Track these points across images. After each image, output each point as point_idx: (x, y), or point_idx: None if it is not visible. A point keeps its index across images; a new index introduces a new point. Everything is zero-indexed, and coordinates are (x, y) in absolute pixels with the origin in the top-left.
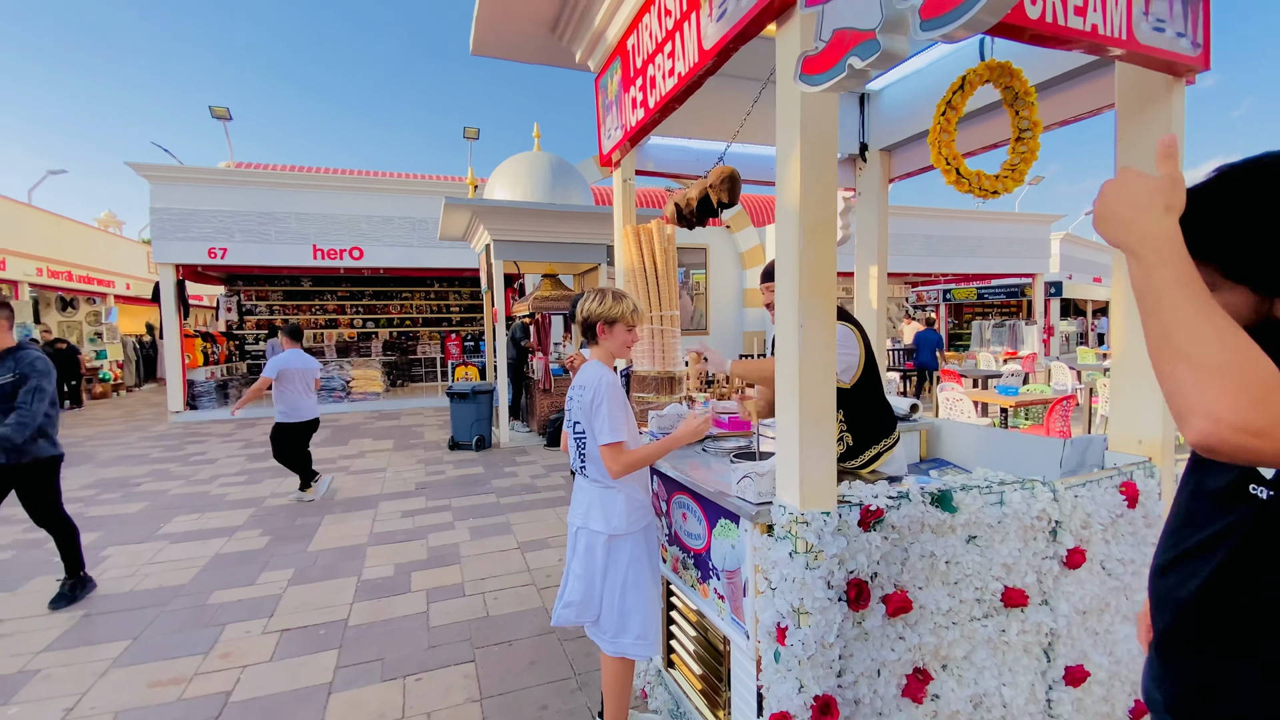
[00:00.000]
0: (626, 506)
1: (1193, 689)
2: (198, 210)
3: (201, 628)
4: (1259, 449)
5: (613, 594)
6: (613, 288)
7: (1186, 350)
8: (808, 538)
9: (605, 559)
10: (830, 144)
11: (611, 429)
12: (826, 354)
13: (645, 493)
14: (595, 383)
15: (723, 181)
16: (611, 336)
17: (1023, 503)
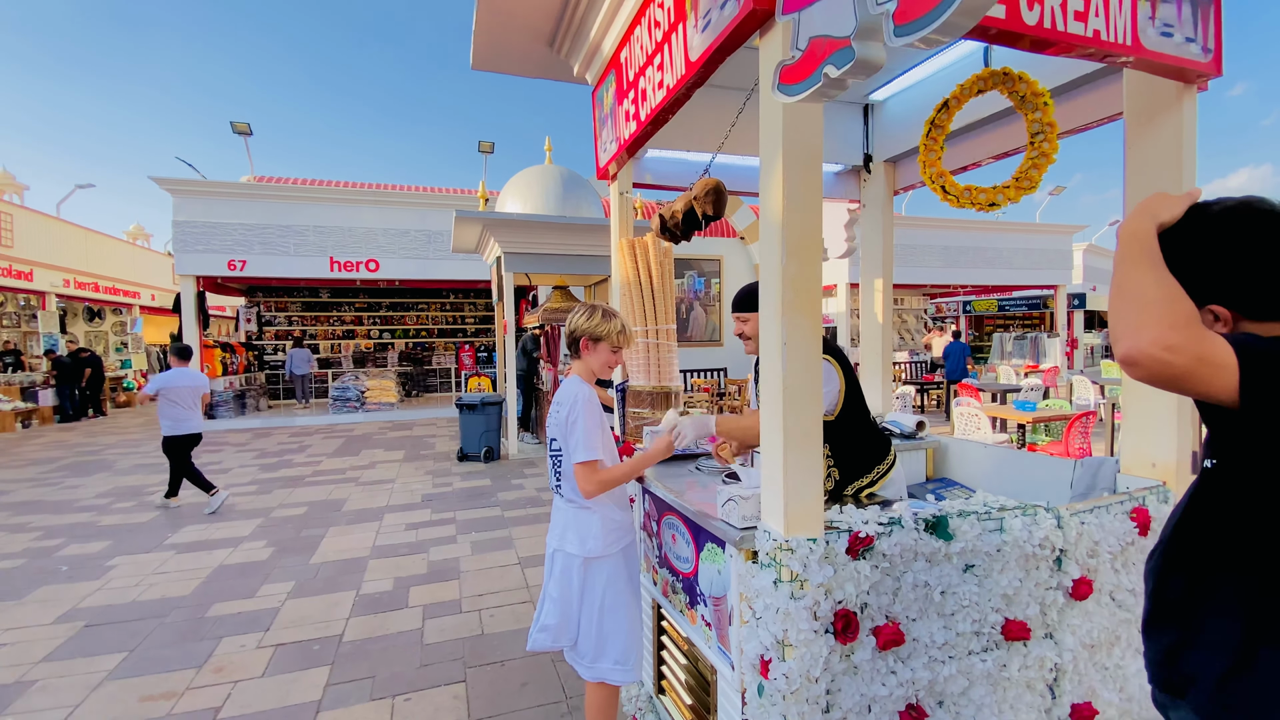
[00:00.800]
0: (602, 528)
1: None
2: (219, 223)
3: (198, 641)
4: (1171, 362)
5: (590, 618)
6: (606, 305)
7: (1131, 292)
8: (792, 566)
9: (582, 582)
10: (814, 156)
11: (586, 447)
12: (811, 374)
13: (624, 512)
14: (572, 399)
15: (707, 194)
16: (594, 353)
17: (1024, 530)
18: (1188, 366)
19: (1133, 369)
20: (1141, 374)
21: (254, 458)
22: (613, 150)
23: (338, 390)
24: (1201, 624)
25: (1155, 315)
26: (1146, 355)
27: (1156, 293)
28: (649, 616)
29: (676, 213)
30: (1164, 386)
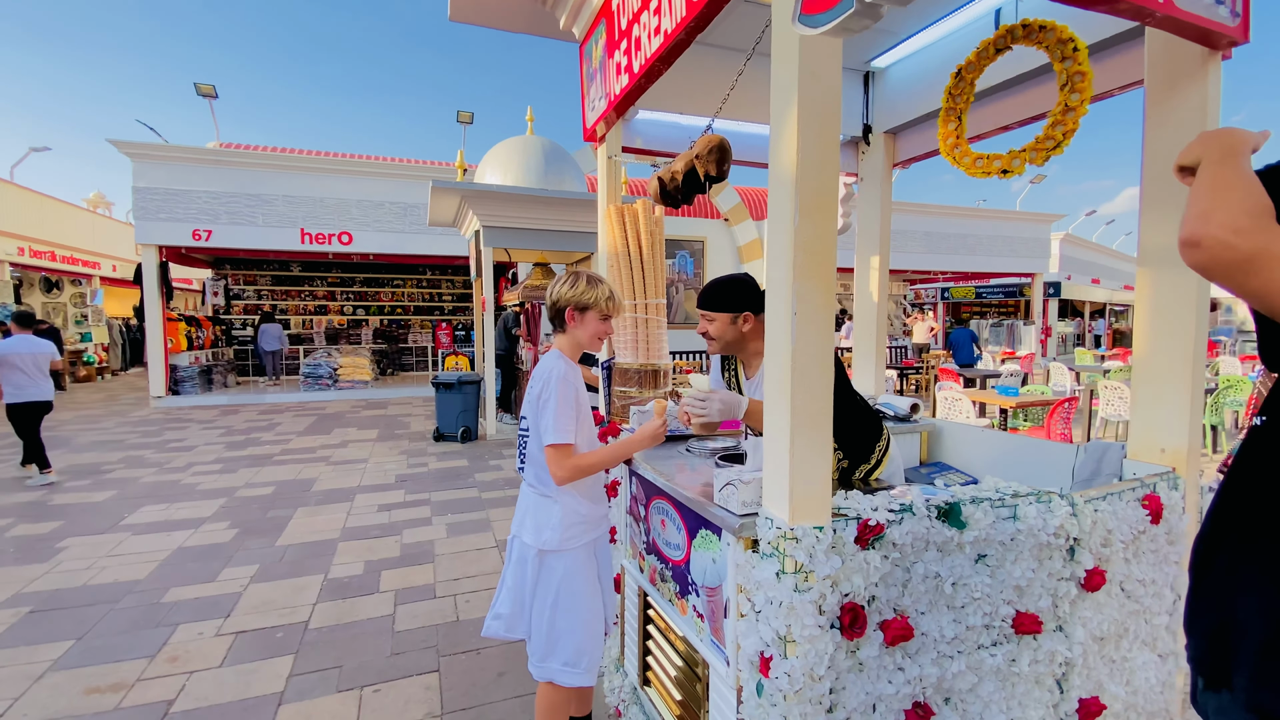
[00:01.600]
0: (562, 520)
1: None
2: (182, 190)
3: (152, 628)
4: (1235, 245)
5: (542, 613)
6: (589, 272)
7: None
8: (797, 556)
9: (535, 574)
10: (833, 102)
11: (556, 428)
12: (823, 348)
13: (592, 504)
14: (546, 375)
15: (710, 152)
16: (582, 325)
17: (1038, 517)
18: (1251, 253)
19: (1192, 251)
20: (1201, 257)
21: (220, 435)
22: (601, 108)
23: (309, 367)
24: (1242, 598)
25: (1229, 200)
26: (1211, 236)
27: (1235, 180)
28: (634, 605)
29: (677, 173)
30: (1220, 278)
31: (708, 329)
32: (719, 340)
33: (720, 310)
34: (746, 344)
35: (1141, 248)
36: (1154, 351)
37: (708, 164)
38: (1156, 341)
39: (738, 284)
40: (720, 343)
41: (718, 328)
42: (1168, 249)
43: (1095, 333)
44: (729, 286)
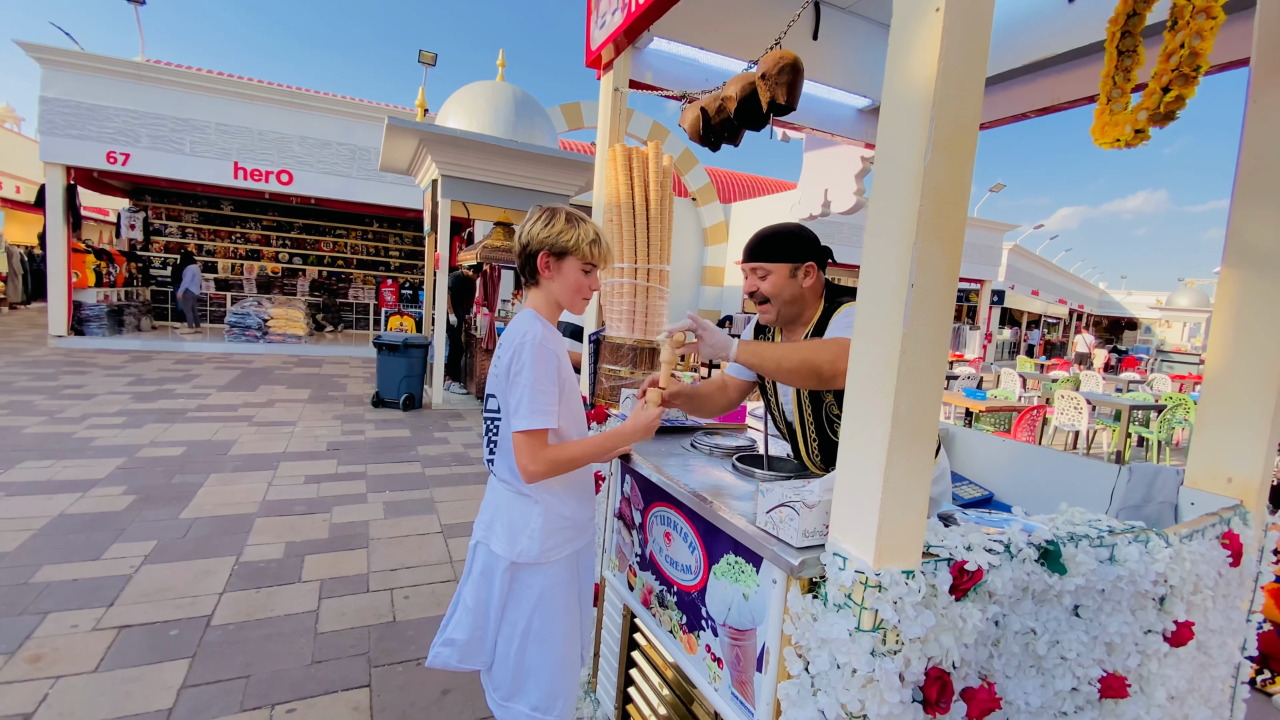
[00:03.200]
0: (543, 525)
1: None
2: (98, 106)
3: (14, 615)
4: None
5: (509, 641)
6: (569, 208)
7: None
8: (881, 609)
9: (504, 592)
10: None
11: (531, 409)
12: (941, 332)
13: (580, 505)
14: (519, 341)
15: (780, 71)
16: (560, 275)
17: (1139, 561)
18: None
19: None
20: None
21: (127, 384)
22: (615, 24)
23: (236, 316)
24: None
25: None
26: None
27: None
28: (616, 626)
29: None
30: None
31: (759, 286)
32: (775, 300)
33: (776, 260)
34: (805, 308)
35: (1229, 247)
36: (1231, 367)
37: (776, 87)
38: (1237, 354)
39: (794, 231)
40: (776, 304)
41: (774, 283)
42: (1262, 251)
43: (1030, 342)
44: (784, 231)
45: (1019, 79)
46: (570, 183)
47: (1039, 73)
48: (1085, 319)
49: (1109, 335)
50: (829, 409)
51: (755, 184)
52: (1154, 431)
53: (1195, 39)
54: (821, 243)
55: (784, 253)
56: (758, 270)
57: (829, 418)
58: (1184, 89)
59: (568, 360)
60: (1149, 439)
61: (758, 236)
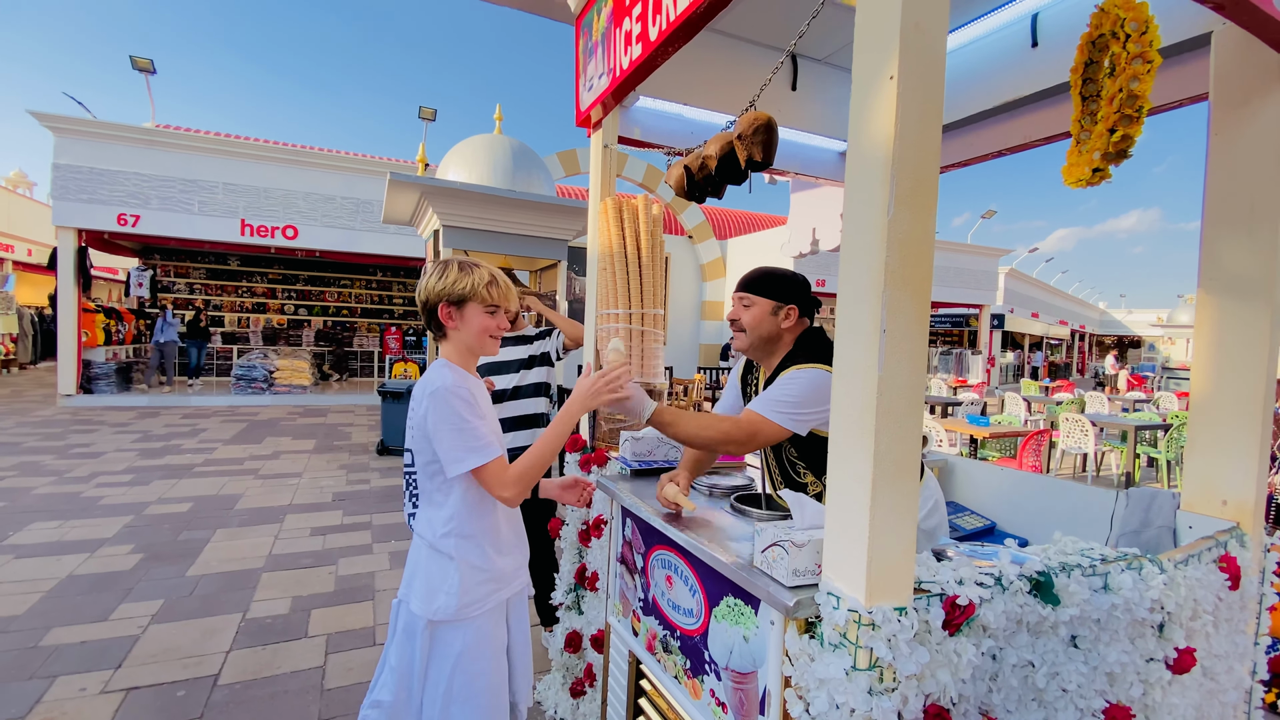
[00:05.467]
0: (460, 581)
1: None
2: (109, 170)
3: (24, 680)
4: None
5: (433, 702)
6: (462, 258)
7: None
8: (875, 648)
9: (426, 651)
10: (939, 59)
11: (470, 448)
12: (915, 377)
13: (499, 556)
14: (427, 393)
15: (755, 131)
16: (464, 322)
17: (1134, 589)
18: None
19: None
20: None
21: (134, 440)
22: (602, 88)
23: (242, 368)
24: None
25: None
26: None
27: None
28: (622, 672)
29: (709, 159)
30: None
31: (740, 315)
32: (751, 331)
33: (762, 295)
34: (778, 346)
35: (1203, 274)
36: (1217, 390)
37: (752, 146)
38: (1220, 379)
39: (788, 275)
40: (751, 335)
41: (754, 315)
42: (1234, 276)
43: (1033, 364)
44: (777, 274)
45: (992, 119)
46: (567, 227)
47: (1010, 113)
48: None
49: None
50: (787, 452)
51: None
52: (1162, 451)
53: (1133, 82)
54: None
55: (771, 290)
56: (744, 299)
57: (789, 460)
58: (1129, 129)
59: (485, 397)
60: (1159, 459)
61: (755, 272)
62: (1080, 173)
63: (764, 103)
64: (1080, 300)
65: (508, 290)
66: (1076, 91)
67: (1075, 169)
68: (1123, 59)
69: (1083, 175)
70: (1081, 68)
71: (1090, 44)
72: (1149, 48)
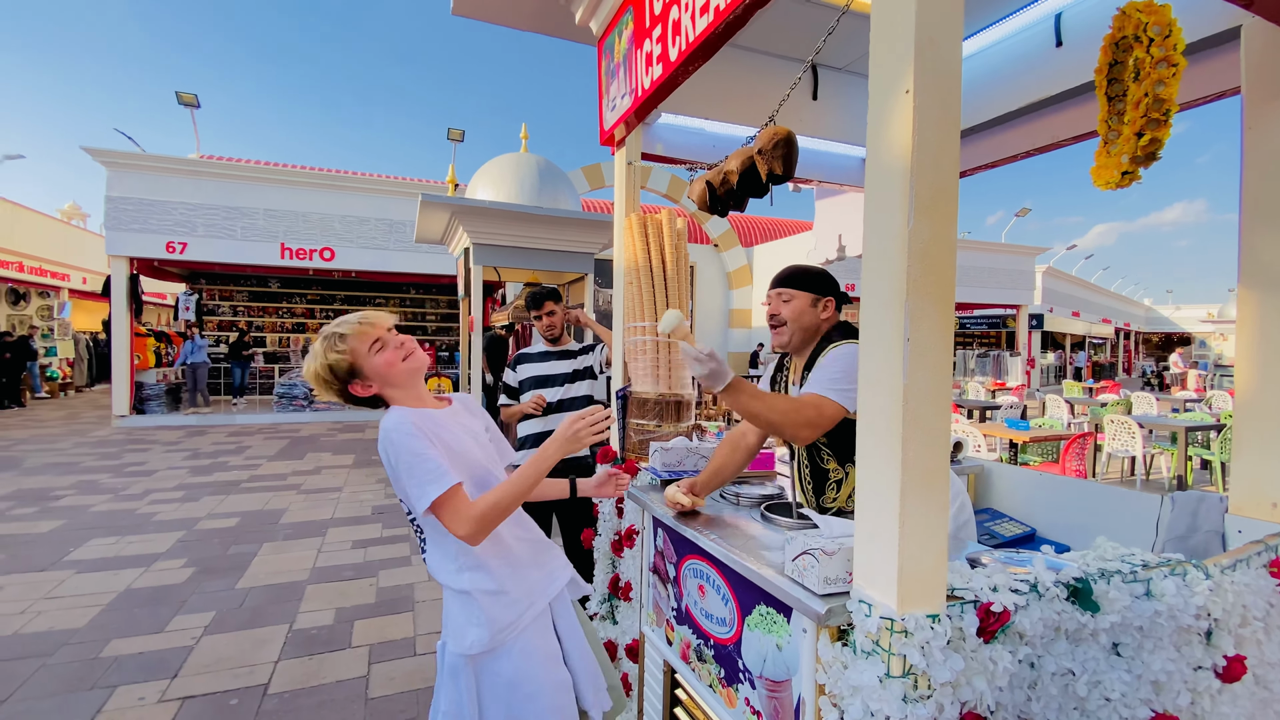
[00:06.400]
0: (485, 610)
1: None
2: (158, 201)
3: (86, 690)
4: None
5: None
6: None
7: None
8: (909, 655)
9: (474, 689)
10: (955, 73)
11: (421, 481)
12: (941, 385)
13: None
14: (385, 436)
15: (775, 146)
16: (375, 377)
17: (1178, 595)
18: None
19: None
20: None
21: (184, 459)
22: (624, 107)
23: (284, 387)
24: None
25: None
26: None
27: None
28: (658, 681)
29: (731, 174)
30: None
31: (780, 310)
32: (792, 323)
33: (801, 289)
34: (817, 338)
35: (1244, 269)
36: (1262, 388)
37: (772, 160)
38: (1265, 376)
39: (822, 271)
40: (793, 327)
41: (794, 308)
42: (1275, 269)
43: (1076, 365)
44: (812, 269)
45: (1020, 119)
46: (593, 241)
47: (1038, 113)
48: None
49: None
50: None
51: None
52: (1215, 453)
53: (1158, 86)
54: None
55: (809, 284)
56: (782, 295)
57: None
58: (1156, 132)
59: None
60: (1212, 461)
61: (790, 269)
62: (1110, 175)
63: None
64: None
65: (370, 321)
66: (1102, 92)
67: (1105, 171)
68: (1147, 63)
69: (1112, 178)
70: (1106, 68)
71: (1114, 45)
72: (1173, 51)
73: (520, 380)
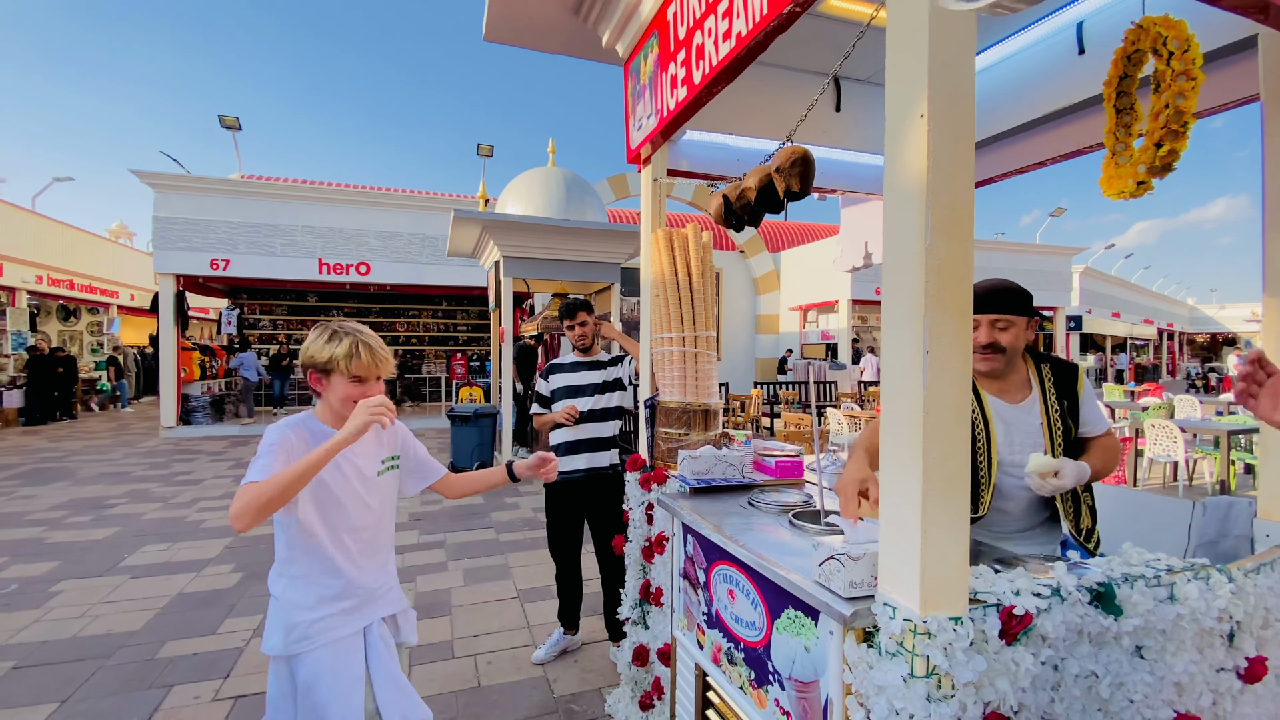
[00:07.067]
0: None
1: None
2: (202, 220)
3: (144, 689)
4: None
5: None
6: (340, 323)
7: None
8: (932, 655)
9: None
10: (968, 96)
11: (253, 470)
12: (960, 391)
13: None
14: (270, 426)
15: (793, 164)
16: (329, 389)
17: (1200, 599)
18: None
19: None
20: None
21: (229, 468)
22: (650, 127)
23: None
24: None
25: None
26: None
27: None
28: (689, 685)
29: (748, 190)
30: None
31: (997, 338)
32: (1012, 350)
33: (1020, 313)
34: (1017, 359)
35: (1268, 276)
36: None
37: (789, 178)
38: None
39: (1024, 289)
40: (1011, 354)
41: (1014, 335)
42: None
43: (1117, 367)
44: (1021, 289)
45: (1045, 126)
46: (619, 251)
47: (1063, 119)
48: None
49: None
50: None
51: (803, 230)
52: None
53: (1179, 99)
54: None
55: (1025, 307)
56: (998, 322)
57: None
58: (1175, 144)
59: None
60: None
61: (1000, 289)
62: (1123, 184)
63: (809, 126)
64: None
65: (373, 362)
66: (1110, 105)
67: (1117, 181)
68: (1167, 75)
69: (1126, 187)
70: (1115, 81)
71: (1125, 59)
72: (1192, 65)
73: (553, 390)
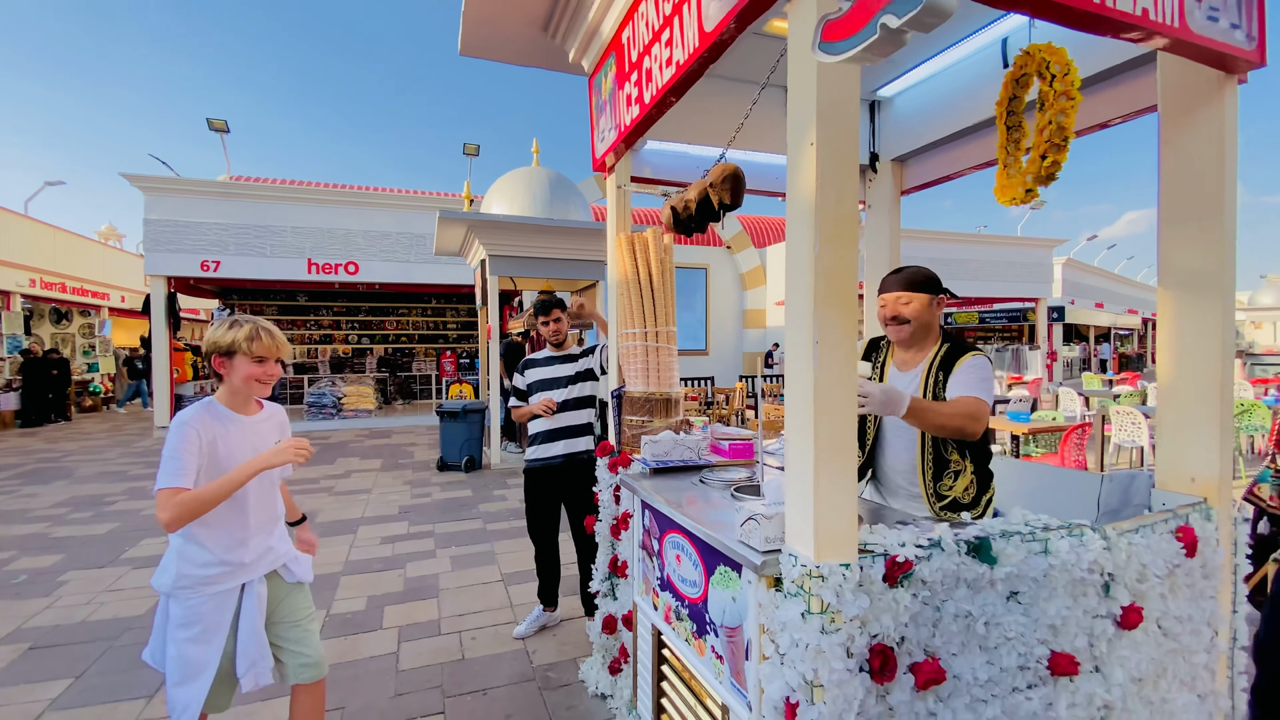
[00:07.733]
0: (176, 569)
1: None
2: (192, 222)
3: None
4: None
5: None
6: (242, 315)
7: None
8: (823, 595)
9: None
10: (851, 130)
11: (163, 473)
12: (845, 376)
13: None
14: (174, 421)
15: (724, 180)
16: (232, 370)
17: (1071, 552)
18: None
19: None
20: None
21: None
22: (611, 139)
23: (314, 396)
24: None
25: None
26: None
27: None
28: (648, 644)
29: (690, 202)
30: None
31: (901, 311)
32: (914, 322)
33: (922, 290)
34: (930, 333)
35: (1162, 271)
36: (1179, 377)
37: (722, 192)
38: (1181, 366)
39: (931, 273)
40: (915, 324)
41: (915, 308)
42: (1189, 271)
43: (1101, 357)
44: (924, 271)
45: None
46: (603, 249)
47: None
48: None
49: None
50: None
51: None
52: None
53: (1060, 116)
54: None
55: (927, 285)
56: (902, 298)
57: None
58: (1057, 155)
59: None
60: None
61: (905, 273)
62: (1014, 192)
63: (759, 132)
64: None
65: (274, 342)
66: (1001, 123)
67: (1009, 189)
68: (1050, 95)
69: (1017, 194)
70: (1006, 101)
71: (1014, 81)
72: (1071, 87)
73: (529, 384)
